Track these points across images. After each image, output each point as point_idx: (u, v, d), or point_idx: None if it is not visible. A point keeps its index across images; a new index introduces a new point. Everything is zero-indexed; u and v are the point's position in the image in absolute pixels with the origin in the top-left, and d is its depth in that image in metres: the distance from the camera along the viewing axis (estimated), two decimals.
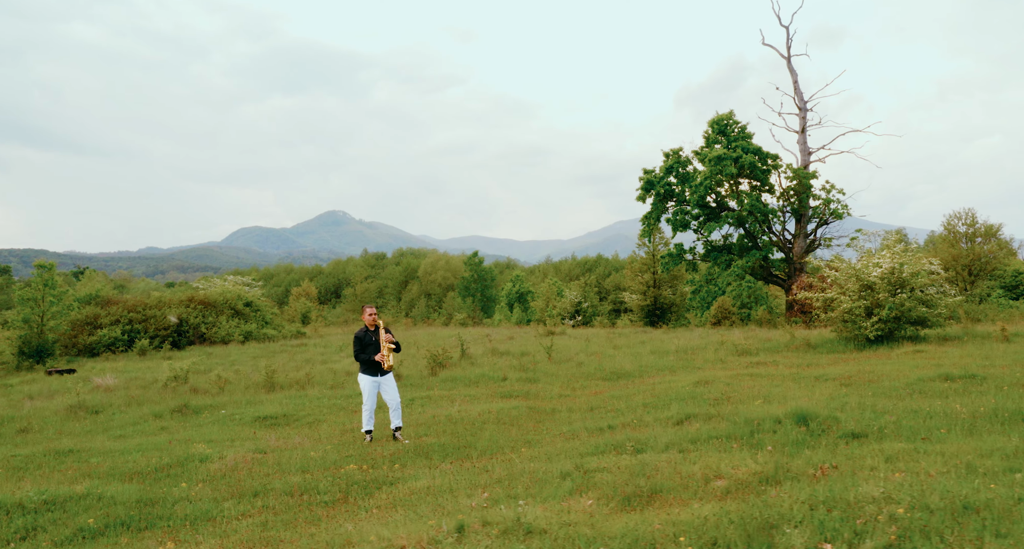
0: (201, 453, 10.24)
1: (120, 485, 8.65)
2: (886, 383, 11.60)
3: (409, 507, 6.50)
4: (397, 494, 7.18)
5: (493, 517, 5.00)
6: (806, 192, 41.36)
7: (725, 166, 40.07)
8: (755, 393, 11.75)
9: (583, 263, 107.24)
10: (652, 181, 43.28)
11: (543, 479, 6.79)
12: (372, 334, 11.55)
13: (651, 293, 51.26)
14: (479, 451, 9.72)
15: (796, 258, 42.01)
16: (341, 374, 19.40)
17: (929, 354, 15.76)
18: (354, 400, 15.41)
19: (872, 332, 18.76)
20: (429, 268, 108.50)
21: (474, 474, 7.65)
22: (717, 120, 43.03)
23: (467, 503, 6.15)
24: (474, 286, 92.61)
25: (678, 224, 43.84)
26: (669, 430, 8.89)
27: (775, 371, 14.80)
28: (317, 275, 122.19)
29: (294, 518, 6.88)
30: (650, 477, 6.23)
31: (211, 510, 7.48)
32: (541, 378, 17.10)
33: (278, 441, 11.13)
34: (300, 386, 18.16)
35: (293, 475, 8.73)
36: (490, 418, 12.31)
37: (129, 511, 7.58)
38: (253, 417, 14.00)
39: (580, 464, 7.11)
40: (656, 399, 12.40)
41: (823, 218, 42.08)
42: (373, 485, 7.83)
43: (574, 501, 5.61)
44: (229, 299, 40.12)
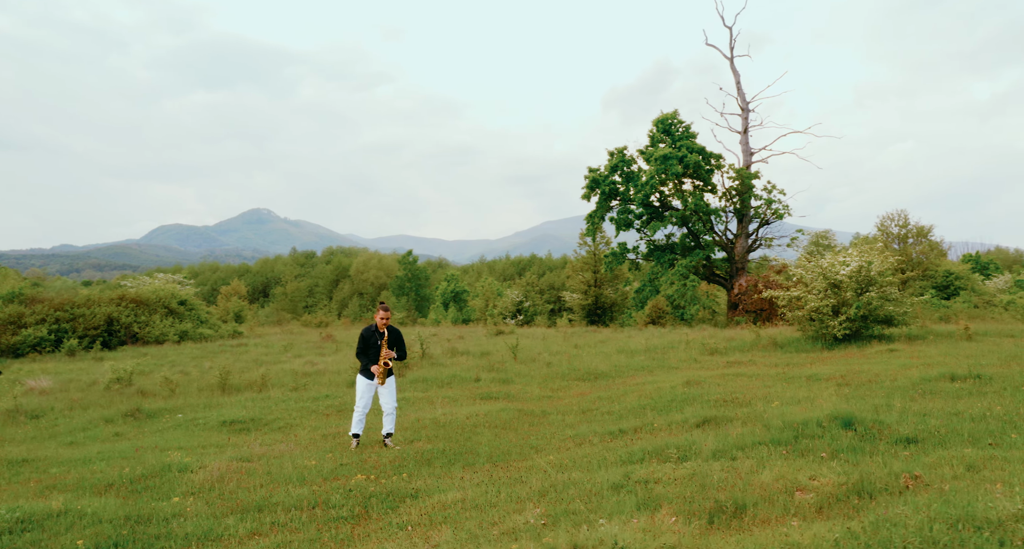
0: (178, 462, 9.39)
1: (97, 500, 7.80)
2: (887, 383, 11.34)
3: (453, 524, 5.87)
4: (427, 509, 6.52)
5: (583, 540, 4.42)
6: (748, 192, 41.68)
7: (671, 165, 40.08)
8: (757, 394, 11.38)
9: (517, 263, 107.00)
10: (597, 179, 43.10)
11: (593, 491, 6.23)
12: (378, 336, 10.83)
13: (592, 292, 51.17)
14: (484, 457, 9.12)
15: (738, 258, 42.33)
16: (300, 375, 18.51)
17: (905, 353, 15.68)
18: (323, 403, 14.64)
19: (840, 331, 18.70)
20: (361, 267, 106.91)
21: (507, 485, 7.03)
22: (662, 119, 43.08)
23: (520, 520, 5.56)
24: (408, 285, 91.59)
25: (621, 223, 43.78)
26: (693, 434, 8.41)
27: (757, 370, 14.53)
28: (245, 274, 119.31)
29: (318, 537, 6.17)
30: (721, 490, 5.73)
31: (213, 528, 6.72)
32: (514, 379, 16.55)
33: (262, 448, 10.32)
34: (257, 388, 17.23)
35: (294, 487, 7.99)
36: (480, 421, 11.70)
37: (119, 530, 6.77)
38: (218, 421, 13.12)
39: (627, 474, 6.56)
40: (651, 401, 11.95)
41: (764, 218, 42.47)
42: (393, 498, 7.15)
43: (649, 518, 5.06)
44: (162, 297, 38.51)
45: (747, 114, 43.77)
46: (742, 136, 43.64)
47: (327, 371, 19.33)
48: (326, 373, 18.93)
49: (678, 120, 43.08)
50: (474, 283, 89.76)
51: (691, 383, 13.21)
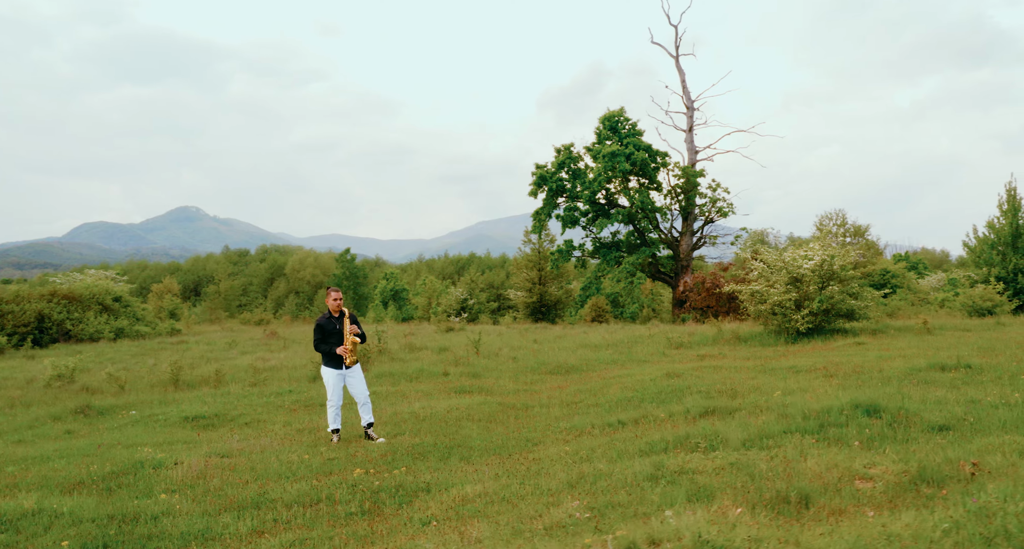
0: (151, 458, 8.75)
1: (69, 499, 7.16)
2: (875, 374, 11.20)
3: (485, 518, 5.44)
4: (447, 503, 6.07)
5: (658, 533, 4.04)
6: (693, 190, 41.89)
7: (619, 162, 40.05)
8: (747, 385, 11.13)
9: (456, 261, 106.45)
10: (545, 176, 42.85)
11: (629, 482, 5.85)
12: (336, 321, 10.29)
13: (537, 290, 50.91)
14: (480, 451, 8.68)
15: (683, 255, 42.50)
16: (256, 371, 17.78)
17: (873, 346, 15.69)
18: (287, 398, 14.02)
19: (803, 324, 18.72)
20: (297, 265, 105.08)
21: (528, 478, 6.60)
22: (608, 116, 43.02)
23: (560, 513, 5.16)
24: (346, 284, 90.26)
25: (568, 220, 43.62)
26: (702, 424, 8.09)
27: (732, 363, 14.37)
28: (175, 272, 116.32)
29: (332, 533, 5.68)
30: (772, 479, 5.40)
31: (210, 526, 6.17)
32: (483, 373, 16.13)
33: (240, 443, 9.73)
34: (212, 384, 16.49)
35: (287, 482, 7.46)
36: (462, 415, 11.25)
37: (104, 529, 6.18)
38: (180, 417, 12.41)
39: (657, 464, 6.19)
40: (637, 393, 11.64)
41: (709, 216, 42.75)
42: (403, 492, 6.67)
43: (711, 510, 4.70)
44: (96, 293, 37.01)
45: (692, 112, 43.98)
46: (687, 134, 43.85)
47: (283, 367, 18.66)
48: (282, 369, 18.26)
49: (624, 117, 43.07)
50: (414, 281, 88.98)
51: (671, 375, 12.96)
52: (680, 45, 44.41)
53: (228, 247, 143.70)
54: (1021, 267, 37.79)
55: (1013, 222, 39.75)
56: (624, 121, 42.90)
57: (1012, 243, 39.16)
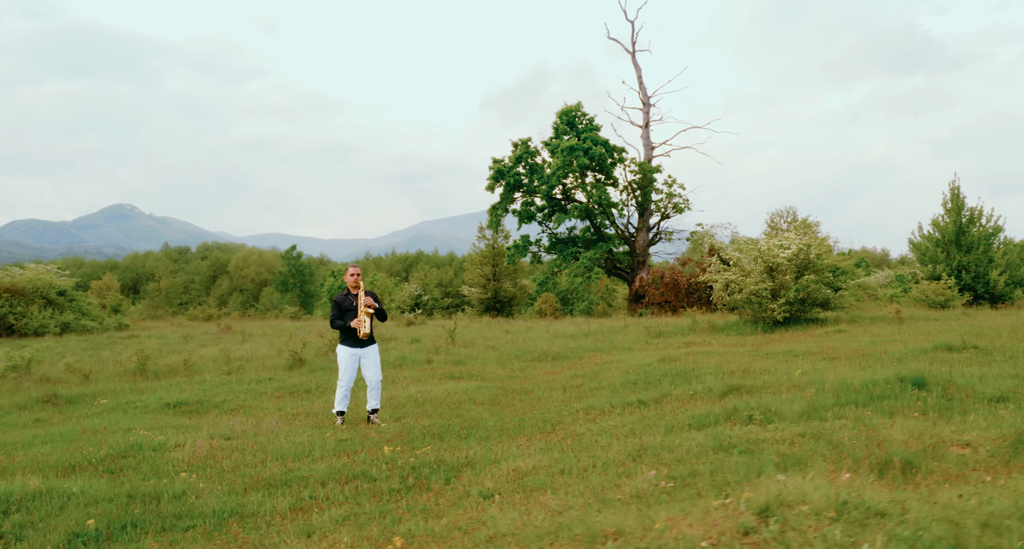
0: (150, 441, 8.25)
1: (74, 480, 6.65)
2: (880, 356, 11.00)
3: (556, 490, 5.11)
4: (502, 477, 5.71)
5: (789, 495, 3.77)
6: (650, 186, 41.96)
7: (577, 156, 39.94)
8: (753, 367, 10.94)
9: (403, 259, 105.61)
10: (502, 170, 42.52)
11: (696, 453, 5.57)
12: (353, 298, 9.91)
13: (491, 286, 50.70)
14: (497, 431, 8.33)
15: (639, 251, 42.56)
16: (227, 361, 17.15)
17: (855, 333, 15.64)
18: (269, 385, 13.50)
19: (780, 314, 18.74)
20: (241, 263, 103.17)
21: (579, 452, 6.27)
22: (566, 111, 42.86)
23: (639, 483, 4.86)
24: (292, 281, 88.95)
25: (524, 215, 43.37)
26: (734, 401, 7.85)
27: (723, 349, 14.21)
28: (113, 269, 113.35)
29: (386, 509, 5.29)
30: (860, 447, 5.17)
31: (243, 504, 5.75)
32: (466, 361, 15.78)
33: (242, 426, 9.25)
34: (181, 374, 15.85)
35: (309, 462, 7.05)
36: (462, 399, 10.89)
37: (128, 509, 5.72)
38: (160, 404, 11.84)
39: (715, 436, 5.94)
40: (639, 376, 11.37)
41: (665, 212, 42.89)
42: (445, 468, 6.30)
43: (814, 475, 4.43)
44: (40, 287, 35.66)
45: (648, 108, 44.09)
46: (643, 130, 43.95)
47: (253, 357, 18.06)
48: (253, 359, 17.67)
49: (582, 112, 42.97)
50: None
51: (667, 360, 12.76)
52: (637, 41, 44.50)
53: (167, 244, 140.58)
54: (964, 263, 38.51)
55: (957, 220, 40.53)
56: (581, 116, 42.79)
57: (956, 240, 39.90)
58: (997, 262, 39.75)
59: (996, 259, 39.77)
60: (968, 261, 38.67)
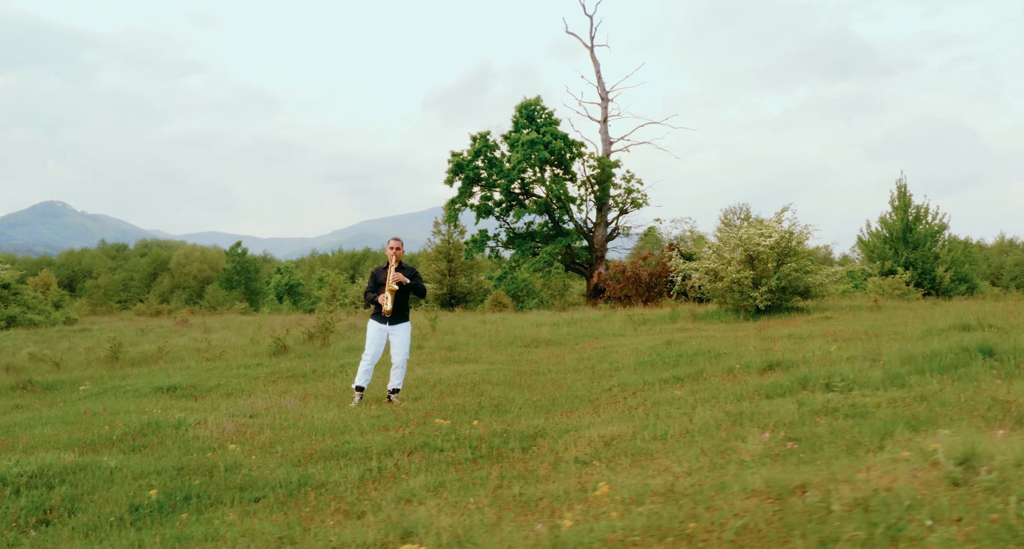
0: (166, 419, 7.74)
1: (107, 456, 6.17)
2: (900, 335, 10.82)
3: (666, 455, 4.81)
4: (590, 444, 5.38)
5: (983, 448, 3.54)
6: (608, 181, 41.97)
7: (538, 150, 39.77)
8: (778, 347, 10.68)
9: (350, 256, 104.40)
10: (461, 164, 42.10)
11: (799, 418, 5.31)
12: (397, 270, 9.45)
13: (448, 282, 50.25)
14: (531, 407, 8.02)
15: (597, 246, 42.56)
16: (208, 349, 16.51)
17: (843, 320, 15.57)
18: (259, 370, 12.96)
19: (762, 302, 18.73)
20: (183, 260, 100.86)
21: (659, 420, 5.97)
22: (525, 105, 42.64)
23: (758, 445, 4.57)
24: (237, 278, 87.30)
25: (482, 210, 43.05)
26: (786, 373, 7.66)
27: (722, 334, 14.02)
28: (48, 266, 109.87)
29: (478, 476, 4.93)
30: (983, 407, 4.98)
31: (308, 475, 5.34)
32: (457, 346, 15.40)
33: (263, 404, 8.79)
34: (158, 361, 15.21)
35: (361, 435, 6.65)
36: (475, 379, 10.51)
37: (186, 480, 5.29)
38: (153, 388, 11.24)
39: (804, 401, 5.70)
40: (653, 357, 11.11)
41: (623, 207, 42.95)
42: (516, 439, 5.94)
43: (966, 432, 4.22)
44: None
45: (607, 103, 44.13)
46: (602, 125, 43.98)
47: (228, 346, 17.44)
48: (229, 347, 17.05)
49: (541, 107, 42.78)
50: (308, 276, 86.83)
51: (673, 343, 12.57)
52: (595, 35, 44.51)
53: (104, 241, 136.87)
54: (912, 260, 39.20)
55: (903, 218, 41.24)
56: (541, 110, 42.60)
57: (903, 237, 40.60)
58: (943, 258, 40.55)
59: (942, 256, 40.56)
60: (915, 257, 39.36)
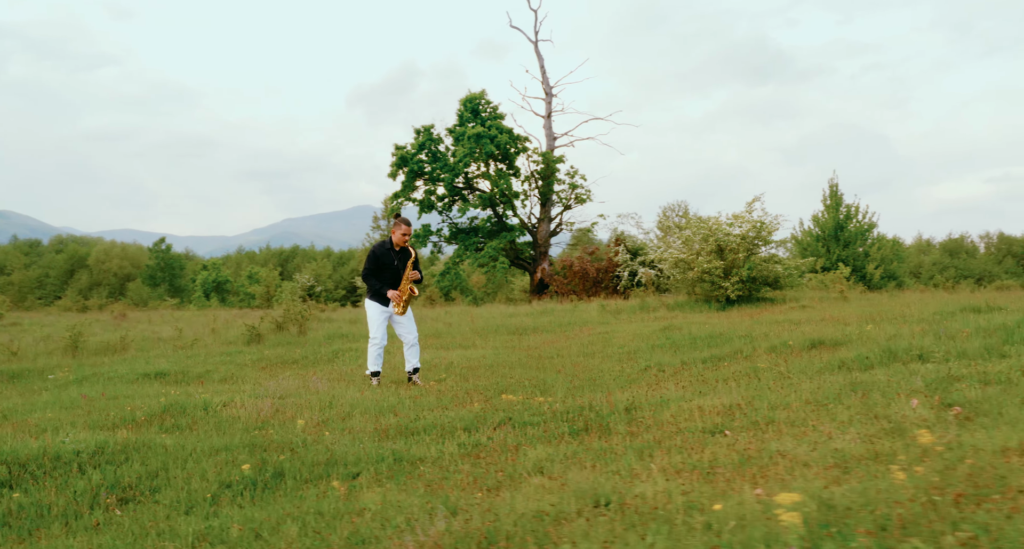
0: (190, 401, 7.20)
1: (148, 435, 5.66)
2: (912, 317, 10.80)
3: (820, 423, 4.53)
4: (706, 413, 5.11)
5: None
6: (552, 176, 41.89)
7: (484, 144, 39.45)
8: (797, 331, 10.56)
9: (278, 253, 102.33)
10: (406, 157, 41.47)
11: (928, 384, 5.11)
12: (394, 256, 8.97)
13: None
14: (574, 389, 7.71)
15: (541, 241, 42.46)
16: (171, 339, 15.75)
17: (820, 309, 15.61)
18: (243, 357, 12.35)
19: (734, 292, 18.77)
20: (102, 256, 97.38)
21: (764, 391, 5.69)
22: (470, 98, 42.27)
23: (908, 412, 4.37)
24: (161, 275, 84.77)
25: (425, 205, 42.53)
26: (843, 351, 7.50)
27: (714, 320, 13.89)
28: None
29: (600, 447, 4.60)
30: None
31: (398, 451, 4.96)
32: (442, 334, 15.01)
33: (290, 384, 8.28)
34: (123, 351, 14.41)
35: (426, 411, 6.25)
36: (489, 363, 10.11)
37: (267, 457, 4.85)
38: (138, 374, 10.56)
39: (914, 371, 5.51)
40: (660, 342, 10.80)
41: (567, 203, 42.93)
42: (610, 412, 5.62)
43: None
44: None
45: (550, 99, 44.05)
46: (546, 120, 43.86)
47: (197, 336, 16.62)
48: (199, 337, 16.25)
49: (486, 100, 42.47)
50: (236, 273, 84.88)
51: (672, 328, 12.39)
52: (539, 30, 44.37)
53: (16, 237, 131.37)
54: (843, 257, 40.05)
55: (835, 217, 42.14)
56: (486, 104, 42.28)
57: (835, 235, 41.47)
58: (873, 256, 41.58)
59: (872, 254, 41.58)
60: (847, 255, 40.21)
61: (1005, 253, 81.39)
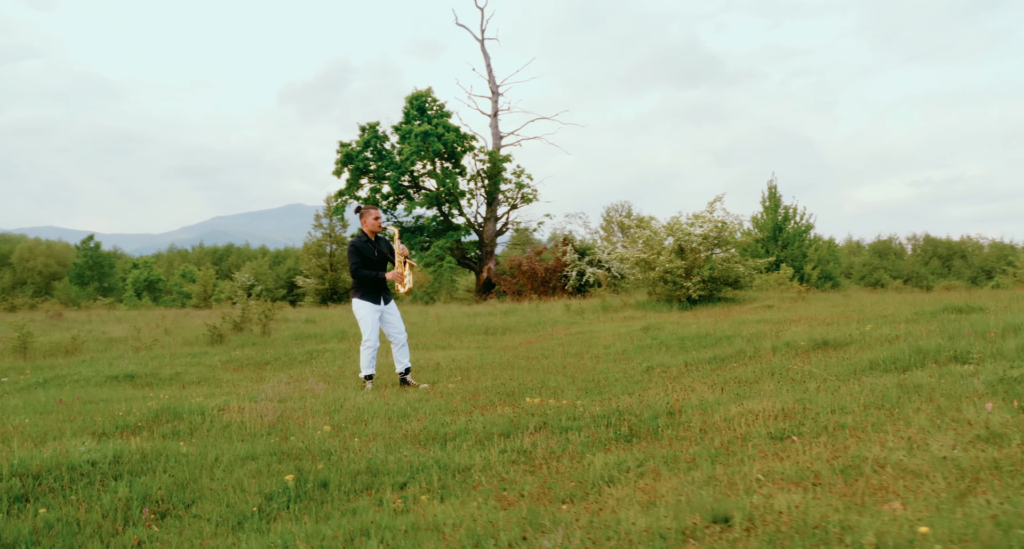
0: (180, 406, 6.78)
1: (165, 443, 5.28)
2: (901, 315, 10.80)
3: (873, 429, 4.37)
4: (759, 417, 4.92)
5: None
6: (499, 175, 41.72)
7: (431, 142, 39.07)
8: (785, 331, 10.49)
9: (212, 252, 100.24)
10: (351, 155, 40.85)
11: (977, 388, 5.01)
12: (373, 246, 8.67)
13: (329, 277, 48.75)
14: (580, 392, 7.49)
15: (488, 240, 42.24)
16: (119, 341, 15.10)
17: (787, 308, 15.70)
18: (209, 359, 11.86)
19: (696, 292, 18.79)
20: (26, 254, 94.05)
21: (811, 394, 5.51)
22: (416, 96, 41.83)
23: (984, 417, 4.26)
24: (90, 274, 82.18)
25: (369, 203, 41.97)
26: (852, 352, 7.44)
27: (689, 320, 13.79)
28: None
29: (662, 455, 4.41)
30: None
31: (442, 459, 4.68)
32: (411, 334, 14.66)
33: (287, 386, 7.89)
34: (77, 352, 13.76)
35: (453, 415, 5.97)
36: (470, 365, 9.81)
37: (307, 464, 4.53)
38: (105, 377, 10.03)
39: (956, 373, 5.46)
40: (647, 342, 10.64)
41: (513, 202, 42.79)
42: (650, 416, 5.40)
43: None
44: None
45: (497, 97, 43.87)
46: (492, 119, 43.66)
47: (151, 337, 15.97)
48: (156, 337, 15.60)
49: (433, 98, 42.07)
50: (169, 272, 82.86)
51: (651, 328, 12.27)
52: (486, 28, 44.15)
53: None
54: (782, 258, 40.73)
55: (774, 218, 42.80)
56: (432, 102, 41.89)
57: (774, 236, 42.12)
58: (810, 257, 42.32)
59: (809, 254, 42.31)
60: (785, 255, 40.86)
61: (931, 254, 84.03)
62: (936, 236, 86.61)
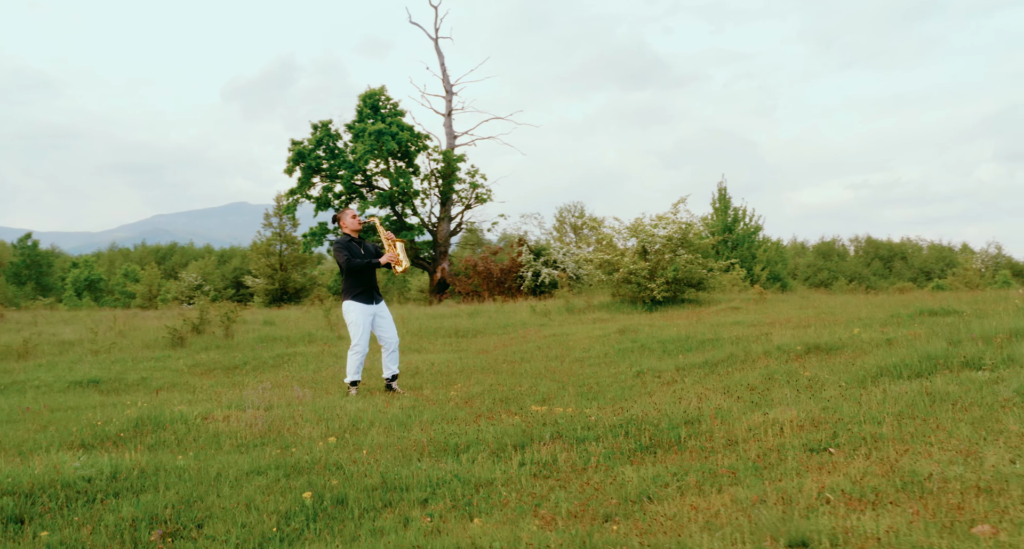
0: (160, 414, 6.43)
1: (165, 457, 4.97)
2: (875, 319, 10.75)
3: (912, 440, 4.25)
4: (786, 426, 4.76)
5: None
6: (453, 175, 41.45)
7: (386, 141, 38.64)
8: (772, 333, 10.40)
9: (156, 251, 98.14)
10: (303, 153, 40.21)
11: (1012, 397, 4.94)
12: (361, 244, 8.48)
13: (279, 277, 47.95)
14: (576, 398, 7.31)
15: (441, 241, 41.95)
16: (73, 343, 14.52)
17: (753, 309, 15.74)
18: (175, 363, 11.44)
19: (660, 293, 18.75)
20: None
21: (835, 401, 5.36)
22: (369, 94, 41.34)
23: None
24: (27, 273, 79.84)
25: (322, 202, 41.36)
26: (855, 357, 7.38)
27: (661, 322, 13.69)
28: None
29: (695, 468, 4.25)
30: None
31: (463, 472, 4.45)
32: None
33: (272, 396, 7.57)
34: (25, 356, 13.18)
35: (455, 425, 5.73)
36: (448, 369, 9.60)
37: (320, 479, 4.28)
38: (68, 382, 9.62)
39: (976, 380, 5.39)
40: (629, 345, 10.45)
41: (468, 202, 42.55)
42: (671, 425, 5.22)
43: None
44: None
45: (451, 97, 43.61)
46: (446, 118, 43.41)
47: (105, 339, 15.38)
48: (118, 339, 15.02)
49: (386, 97, 41.60)
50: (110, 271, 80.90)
51: (627, 331, 12.16)
52: (440, 27, 43.83)
53: None
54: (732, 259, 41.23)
55: (724, 219, 43.24)
56: (386, 100, 41.43)
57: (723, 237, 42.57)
58: (760, 258, 42.80)
59: (759, 256, 42.79)
60: (735, 256, 41.28)
61: (872, 256, 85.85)
62: (877, 238, 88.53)
